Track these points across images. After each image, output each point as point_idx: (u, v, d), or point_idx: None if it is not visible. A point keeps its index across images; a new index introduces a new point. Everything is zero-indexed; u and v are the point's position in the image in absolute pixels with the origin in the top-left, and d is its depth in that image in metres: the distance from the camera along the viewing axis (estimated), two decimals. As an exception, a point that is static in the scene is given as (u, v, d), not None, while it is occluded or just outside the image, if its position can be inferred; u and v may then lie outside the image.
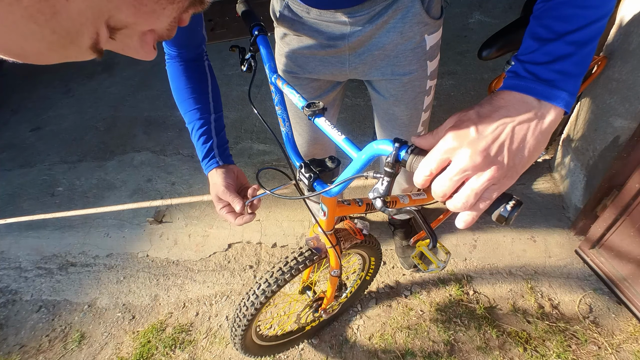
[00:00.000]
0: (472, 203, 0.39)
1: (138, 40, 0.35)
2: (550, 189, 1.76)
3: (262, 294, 0.98)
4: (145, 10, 0.32)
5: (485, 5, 2.88)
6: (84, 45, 0.30)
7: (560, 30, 0.41)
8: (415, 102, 0.96)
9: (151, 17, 0.33)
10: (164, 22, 0.35)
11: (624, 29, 1.25)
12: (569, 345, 1.32)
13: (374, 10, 0.78)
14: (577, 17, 0.40)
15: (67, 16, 0.27)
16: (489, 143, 0.38)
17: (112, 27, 0.31)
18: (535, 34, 0.43)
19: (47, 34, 0.27)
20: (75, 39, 0.29)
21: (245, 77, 2.69)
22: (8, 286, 1.85)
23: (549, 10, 0.42)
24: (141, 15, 0.32)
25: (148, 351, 1.51)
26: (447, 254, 1.37)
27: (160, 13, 0.33)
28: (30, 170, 2.48)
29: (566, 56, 0.41)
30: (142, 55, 0.37)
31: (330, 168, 0.70)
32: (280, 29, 0.93)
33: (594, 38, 0.41)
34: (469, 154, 0.38)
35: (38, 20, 0.26)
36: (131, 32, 0.34)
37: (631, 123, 1.26)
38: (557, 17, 0.41)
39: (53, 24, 0.26)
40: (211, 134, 0.81)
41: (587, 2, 0.40)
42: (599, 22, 0.41)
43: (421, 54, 0.87)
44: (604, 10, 0.40)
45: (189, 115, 0.82)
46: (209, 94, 0.84)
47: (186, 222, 1.97)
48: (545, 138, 0.40)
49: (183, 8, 0.36)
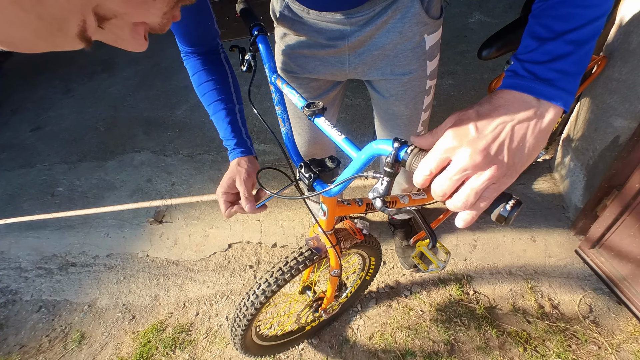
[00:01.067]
0: (472, 202, 0.39)
1: (129, 31, 0.35)
2: (550, 188, 1.76)
3: (262, 293, 0.98)
4: (135, 1, 0.32)
5: (485, 5, 2.88)
6: (71, 32, 0.30)
7: (559, 29, 0.41)
8: (415, 102, 0.96)
9: (142, 8, 0.33)
10: (155, 15, 0.35)
11: (624, 28, 1.25)
12: (569, 345, 1.32)
13: (374, 10, 0.79)
14: (575, 16, 0.40)
15: (53, 2, 0.26)
16: (489, 142, 0.38)
17: (100, 15, 0.31)
18: (534, 33, 0.43)
19: (33, 19, 0.27)
20: (62, 26, 0.29)
21: (245, 77, 2.68)
22: (8, 286, 1.86)
23: (548, 10, 0.42)
24: (131, 5, 0.32)
25: (148, 351, 1.51)
26: (447, 254, 1.37)
27: (150, 4, 0.33)
28: (30, 170, 2.48)
29: (565, 55, 0.41)
30: (133, 46, 0.36)
31: (330, 168, 0.70)
32: (280, 29, 0.93)
33: (592, 37, 0.41)
34: (469, 153, 0.38)
35: (24, 5, 0.25)
36: (121, 23, 0.34)
37: (631, 123, 1.26)
38: (555, 16, 0.41)
39: (39, 9, 0.26)
40: (238, 124, 0.83)
41: (586, 2, 0.40)
42: (597, 21, 0.41)
43: (420, 53, 0.87)
44: (602, 9, 0.40)
45: (214, 106, 0.82)
46: (230, 85, 0.85)
47: (186, 222, 1.97)
48: (544, 137, 0.40)
49: (173, 1, 0.35)
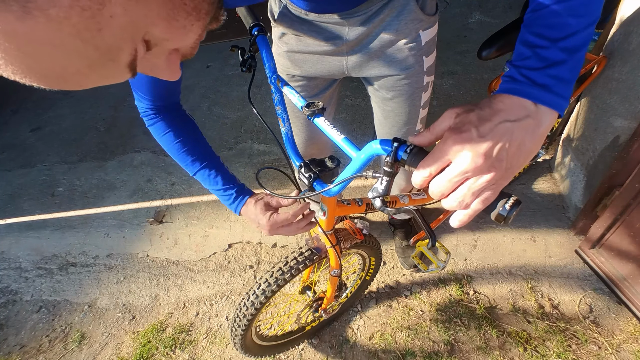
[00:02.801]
0: (468, 203, 0.40)
1: (165, 59, 0.36)
2: (550, 189, 1.76)
3: (262, 294, 0.98)
4: (176, 26, 0.32)
5: (485, 5, 2.88)
6: (123, 62, 0.31)
7: (552, 37, 0.42)
8: (413, 98, 0.98)
9: (181, 33, 0.34)
10: (190, 39, 0.36)
11: (624, 28, 1.25)
12: (569, 345, 1.32)
13: (371, 10, 0.81)
14: (566, 26, 0.42)
15: (110, 32, 0.27)
16: (491, 146, 0.39)
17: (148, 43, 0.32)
18: (527, 41, 0.44)
19: (90, 50, 0.27)
20: (116, 55, 0.30)
21: (245, 77, 2.69)
22: (8, 286, 1.86)
23: (539, 19, 0.43)
24: (173, 31, 0.33)
25: (148, 351, 1.51)
26: (447, 254, 1.37)
27: (189, 29, 0.34)
28: (30, 170, 2.48)
29: (560, 62, 0.42)
30: (169, 74, 0.38)
31: (330, 168, 0.70)
32: (278, 29, 0.94)
33: (583, 45, 0.42)
34: (470, 156, 0.39)
35: (84, 37, 0.26)
36: (160, 51, 0.35)
37: (631, 123, 1.26)
38: (547, 25, 0.42)
39: (97, 41, 0.27)
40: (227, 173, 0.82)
41: (575, 11, 0.41)
42: (587, 29, 0.42)
43: (417, 49, 0.89)
44: (591, 18, 0.42)
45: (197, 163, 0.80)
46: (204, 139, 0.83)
47: (186, 222, 1.97)
48: (540, 140, 0.42)
49: (205, 25, 0.36)
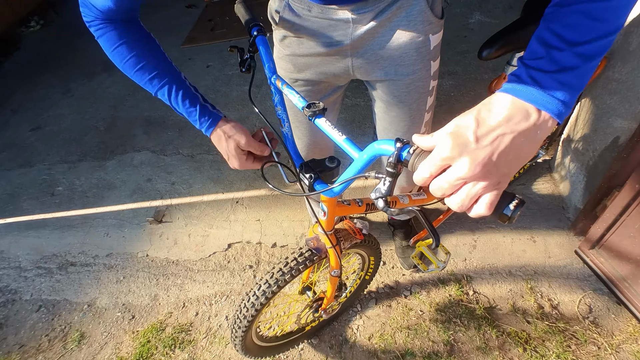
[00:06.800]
0: (467, 206, 0.42)
1: None
2: (550, 189, 1.76)
3: (263, 294, 0.98)
4: None
5: (485, 5, 2.88)
6: None
7: (570, 39, 0.40)
8: (418, 103, 0.95)
9: None
10: None
11: (624, 29, 1.25)
12: (569, 345, 1.32)
13: (378, 7, 0.77)
14: (588, 29, 0.39)
15: None
16: (489, 154, 0.39)
17: None
18: (543, 39, 0.42)
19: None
20: None
21: (245, 77, 2.69)
22: (8, 286, 1.85)
23: (561, 16, 0.41)
24: None
25: (148, 351, 1.51)
26: (447, 254, 1.37)
27: None
28: (30, 170, 2.48)
29: (572, 68, 0.40)
30: None
31: (330, 168, 0.70)
32: (279, 32, 0.90)
33: (600, 53, 0.40)
34: (468, 164, 0.39)
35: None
36: None
37: (631, 123, 1.26)
38: (568, 25, 0.40)
39: None
40: (193, 92, 0.75)
41: (600, 14, 0.39)
42: (608, 37, 0.40)
43: (425, 53, 0.85)
44: (615, 25, 0.39)
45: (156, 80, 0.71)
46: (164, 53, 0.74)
47: (186, 222, 1.97)
48: (538, 144, 0.42)
49: None
